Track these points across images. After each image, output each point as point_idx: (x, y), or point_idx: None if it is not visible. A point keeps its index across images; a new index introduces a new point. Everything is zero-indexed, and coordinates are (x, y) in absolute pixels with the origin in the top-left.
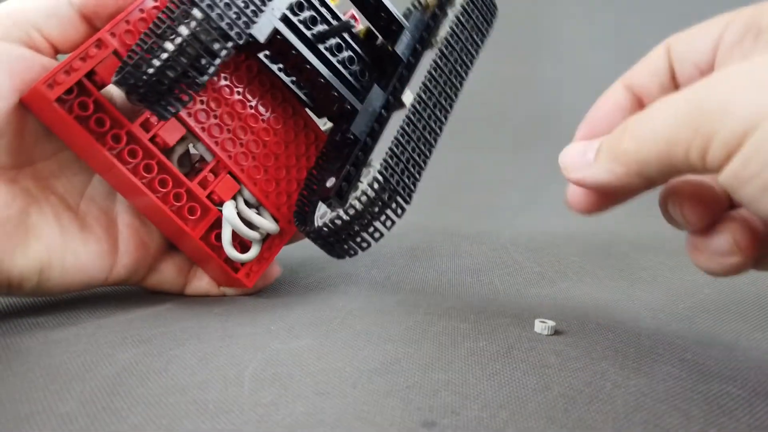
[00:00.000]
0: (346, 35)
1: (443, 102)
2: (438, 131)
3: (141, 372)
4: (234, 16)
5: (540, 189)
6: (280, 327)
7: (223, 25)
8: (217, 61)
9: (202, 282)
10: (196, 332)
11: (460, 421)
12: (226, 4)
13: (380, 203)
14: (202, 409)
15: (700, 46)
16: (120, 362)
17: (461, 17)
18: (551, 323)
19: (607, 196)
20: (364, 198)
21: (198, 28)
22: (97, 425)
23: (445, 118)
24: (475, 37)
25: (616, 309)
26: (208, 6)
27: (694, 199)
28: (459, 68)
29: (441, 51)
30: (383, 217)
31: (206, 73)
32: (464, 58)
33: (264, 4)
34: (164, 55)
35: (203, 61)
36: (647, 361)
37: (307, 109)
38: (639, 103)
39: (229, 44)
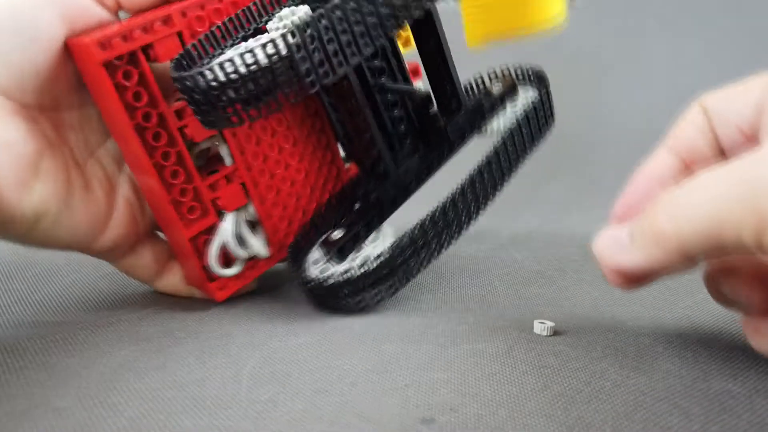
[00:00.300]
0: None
1: (482, 200)
2: (466, 226)
3: (138, 368)
4: (318, 62)
5: (540, 188)
6: (278, 325)
7: (302, 69)
8: (281, 99)
9: (175, 278)
10: (194, 331)
11: (458, 418)
12: (315, 48)
13: (376, 279)
14: (200, 405)
15: (740, 106)
16: (117, 359)
17: (521, 122)
18: (550, 324)
19: (648, 276)
20: (363, 269)
21: (276, 64)
22: (94, 419)
23: (477, 214)
24: (527, 145)
25: (615, 308)
26: (296, 45)
27: (755, 280)
28: (505, 171)
29: (496, 151)
30: (374, 291)
31: (266, 106)
32: (512, 162)
33: (354, 57)
34: (232, 76)
35: (268, 95)
36: (647, 359)
37: (339, 144)
38: (687, 170)
39: (299, 88)
